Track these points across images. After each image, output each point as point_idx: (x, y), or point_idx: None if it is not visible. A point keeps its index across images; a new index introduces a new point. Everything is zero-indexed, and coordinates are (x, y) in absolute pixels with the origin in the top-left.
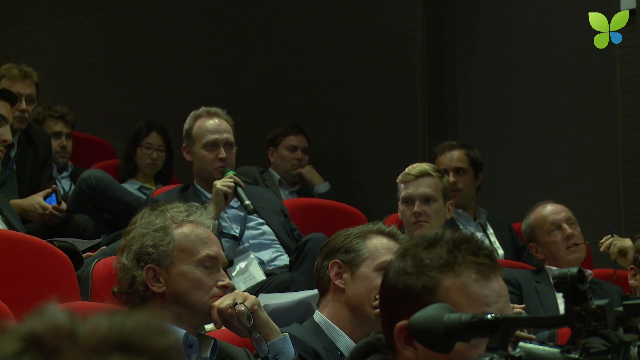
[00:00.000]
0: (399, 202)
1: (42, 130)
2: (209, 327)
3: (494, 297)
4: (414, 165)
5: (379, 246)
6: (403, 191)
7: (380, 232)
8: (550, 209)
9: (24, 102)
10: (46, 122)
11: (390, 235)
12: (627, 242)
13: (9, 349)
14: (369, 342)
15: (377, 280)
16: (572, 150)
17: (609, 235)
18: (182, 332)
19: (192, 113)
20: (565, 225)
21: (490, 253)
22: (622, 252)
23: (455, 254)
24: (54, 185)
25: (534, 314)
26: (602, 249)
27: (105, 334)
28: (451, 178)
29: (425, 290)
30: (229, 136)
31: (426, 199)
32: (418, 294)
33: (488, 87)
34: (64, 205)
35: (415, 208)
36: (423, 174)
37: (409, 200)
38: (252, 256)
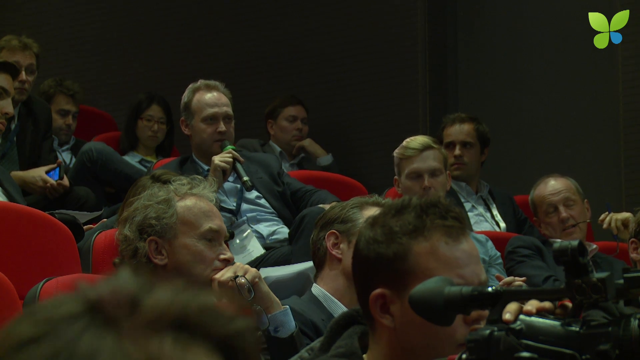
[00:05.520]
0: (402, 177)
1: (43, 102)
2: None
3: (465, 259)
4: (412, 138)
5: None
6: (408, 167)
7: (377, 204)
8: (549, 189)
9: (23, 72)
10: (57, 97)
11: None
12: (626, 216)
13: (65, 311)
14: (348, 314)
15: None
16: (573, 123)
17: (607, 212)
18: None
19: (190, 86)
20: (561, 208)
21: (458, 215)
22: (625, 223)
23: (423, 218)
24: (59, 160)
25: (534, 287)
26: (605, 226)
27: (164, 308)
28: (457, 151)
29: (396, 257)
30: (228, 109)
31: (434, 172)
32: (390, 261)
33: (489, 59)
34: (66, 181)
35: (426, 183)
36: (427, 147)
37: (418, 175)
38: (249, 231)
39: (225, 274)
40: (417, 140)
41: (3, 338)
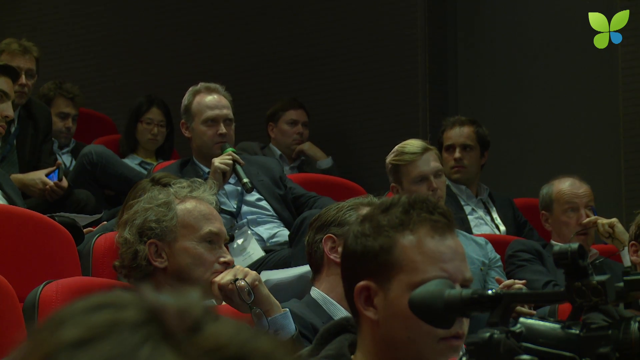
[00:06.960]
0: (404, 183)
1: (43, 105)
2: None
3: (450, 254)
4: (405, 143)
5: None
6: (414, 171)
7: (372, 205)
8: (575, 189)
9: (23, 76)
10: (56, 100)
11: None
12: (611, 220)
13: (127, 317)
14: (338, 323)
15: None
16: (573, 124)
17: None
18: None
19: (190, 89)
20: (582, 212)
21: (446, 212)
22: (610, 227)
23: (410, 213)
24: (59, 162)
25: (534, 290)
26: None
27: (225, 341)
28: (457, 154)
29: (382, 249)
30: (229, 112)
31: (438, 173)
32: (376, 254)
33: (489, 62)
34: (65, 182)
35: (434, 184)
36: (425, 150)
37: (423, 178)
38: (249, 233)
39: (225, 277)
40: (414, 144)
41: (45, 339)
